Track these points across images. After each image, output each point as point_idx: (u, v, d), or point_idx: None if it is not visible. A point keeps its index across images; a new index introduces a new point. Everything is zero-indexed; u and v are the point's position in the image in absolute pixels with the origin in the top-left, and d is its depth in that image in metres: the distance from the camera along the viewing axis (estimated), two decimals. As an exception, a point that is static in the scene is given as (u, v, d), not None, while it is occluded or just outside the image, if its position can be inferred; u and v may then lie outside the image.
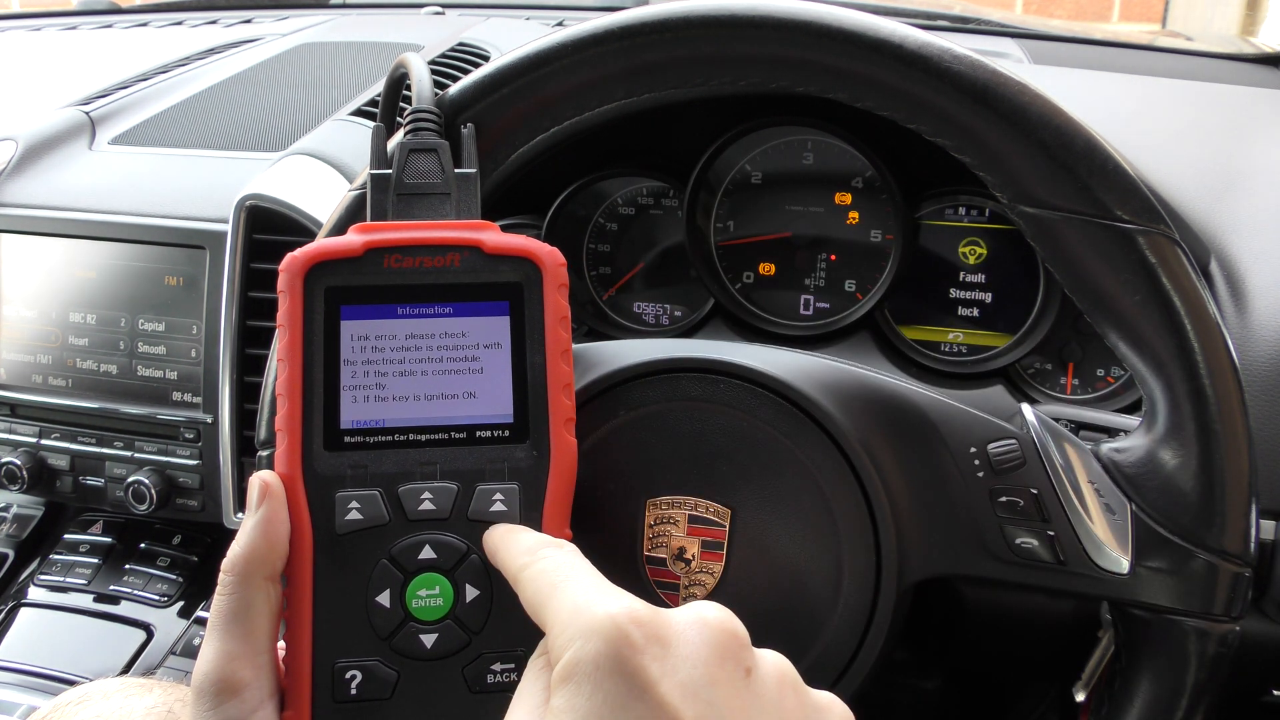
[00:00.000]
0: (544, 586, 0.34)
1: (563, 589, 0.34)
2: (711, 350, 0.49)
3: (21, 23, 1.44)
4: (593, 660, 0.31)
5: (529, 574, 0.36)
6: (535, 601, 0.34)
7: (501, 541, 0.38)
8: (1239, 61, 1.06)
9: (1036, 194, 0.45)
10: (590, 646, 0.31)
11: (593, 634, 0.31)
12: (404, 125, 0.46)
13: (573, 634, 0.31)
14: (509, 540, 0.38)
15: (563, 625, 0.32)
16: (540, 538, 0.38)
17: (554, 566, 0.35)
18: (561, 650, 0.31)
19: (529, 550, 0.37)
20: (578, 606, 0.32)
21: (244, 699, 0.37)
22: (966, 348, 0.77)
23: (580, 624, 0.31)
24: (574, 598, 0.33)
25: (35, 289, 0.86)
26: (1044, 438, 0.47)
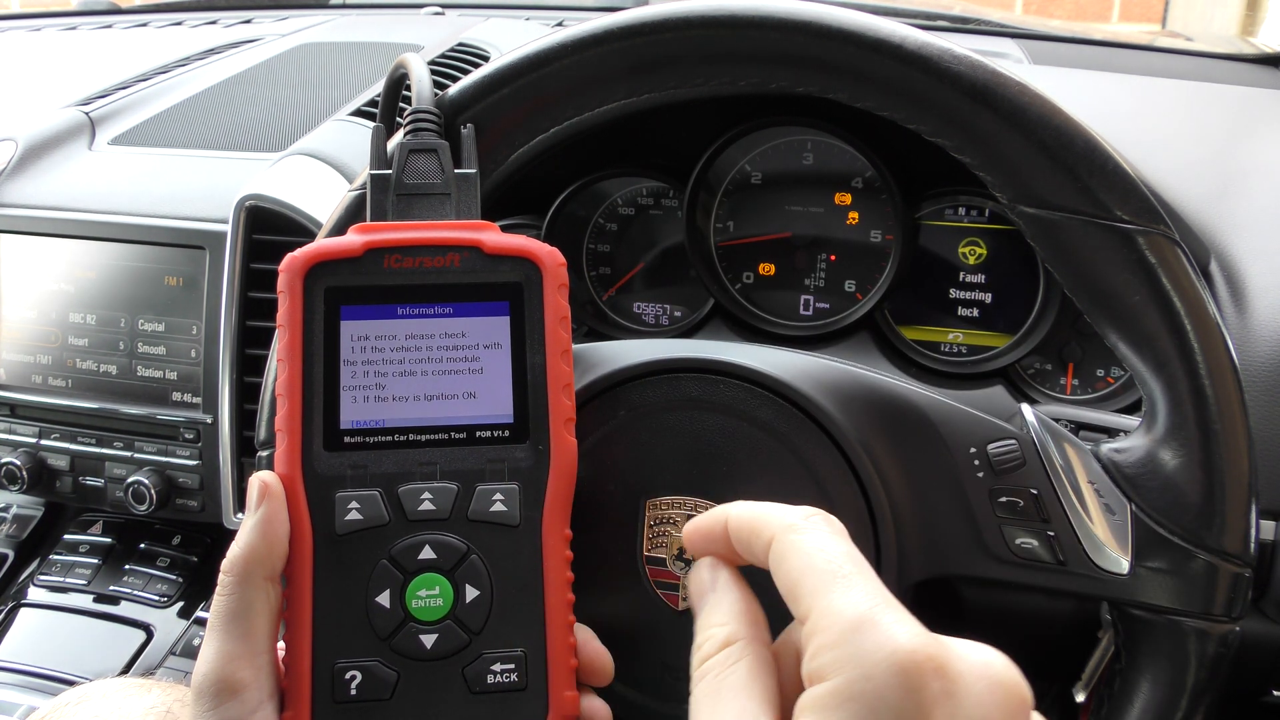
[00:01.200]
0: (819, 571, 0.30)
1: (847, 587, 0.29)
2: (711, 350, 0.49)
3: (21, 23, 1.44)
4: (879, 698, 0.27)
5: (796, 543, 0.32)
6: (802, 583, 0.30)
7: (743, 507, 0.35)
8: (1238, 61, 1.06)
9: (1036, 194, 0.45)
10: (882, 683, 0.27)
11: (891, 670, 0.27)
12: (404, 125, 0.46)
13: (862, 657, 0.28)
14: (755, 505, 0.35)
15: (847, 639, 0.28)
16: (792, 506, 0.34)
17: (831, 550, 0.31)
18: (838, 667, 0.28)
19: (797, 513, 0.33)
20: (872, 623, 0.28)
21: (244, 699, 0.37)
22: (966, 348, 0.77)
23: (875, 650, 0.28)
24: (863, 608, 0.29)
25: (35, 289, 0.86)
26: (1044, 438, 0.47)
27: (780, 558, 0.32)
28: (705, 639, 0.34)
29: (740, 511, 0.35)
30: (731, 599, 0.35)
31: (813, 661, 0.28)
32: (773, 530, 0.33)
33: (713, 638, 0.34)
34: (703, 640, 0.34)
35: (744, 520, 0.35)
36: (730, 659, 0.33)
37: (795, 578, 0.31)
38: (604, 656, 0.42)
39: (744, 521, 0.35)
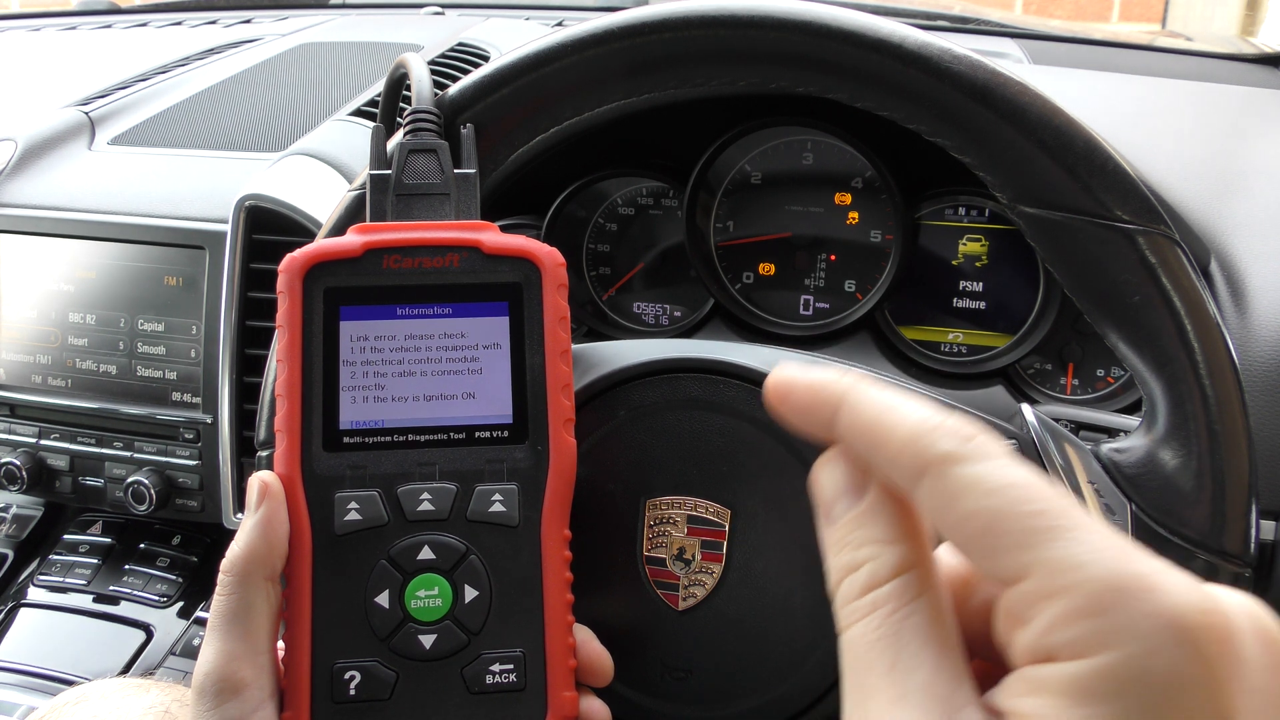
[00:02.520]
0: (1027, 516, 0.22)
1: (1078, 538, 0.22)
2: (711, 350, 0.49)
3: (21, 23, 1.44)
4: (1174, 676, 0.21)
5: (975, 479, 0.23)
6: (1002, 532, 0.23)
7: (865, 400, 0.26)
8: (1238, 61, 1.06)
9: (1036, 194, 0.45)
10: (1174, 658, 0.21)
11: (1182, 641, 0.21)
12: (403, 126, 0.46)
13: (1141, 628, 0.21)
14: (882, 402, 0.26)
15: (1111, 605, 0.21)
16: (935, 408, 0.25)
17: (1030, 488, 0.23)
18: (1106, 641, 0.21)
19: (951, 432, 0.24)
20: (1141, 583, 0.21)
21: (244, 699, 0.37)
22: (966, 348, 0.77)
23: (1156, 617, 0.21)
24: (1120, 564, 0.22)
25: (35, 289, 0.86)
26: (1044, 438, 0.47)
27: (952, 497, 0.23)
28: (868, 557, 0.25)
29: (862, 417, 0.26)
30: (894, 513, 0.26)
31: (1054, 634, 0.21)
32: (925, 460, 0.24)
33: (881, 559, 0.25)
34: (862, 559, 0.26)
35: (869, 433, 0.26)
36: (910, 592, 0.25)
37: (984, 525, 0.23)
38: (603, 657, 0.42)
39: (870, 435, 0.26)
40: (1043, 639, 0.22)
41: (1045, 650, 0.22)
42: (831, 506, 0.27)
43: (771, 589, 0.47)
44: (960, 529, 0.23)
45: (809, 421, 0.28)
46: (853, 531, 0.26)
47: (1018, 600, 0.22)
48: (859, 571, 0.25)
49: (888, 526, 0.26)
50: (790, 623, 0.47)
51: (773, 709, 0.47)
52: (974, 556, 0.24)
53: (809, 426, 0.28)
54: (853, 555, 0.26)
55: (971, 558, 0.24)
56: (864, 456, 0.26)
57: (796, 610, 0.47)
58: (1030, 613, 0.22)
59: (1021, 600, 0.22)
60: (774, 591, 0.47)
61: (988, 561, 0.23)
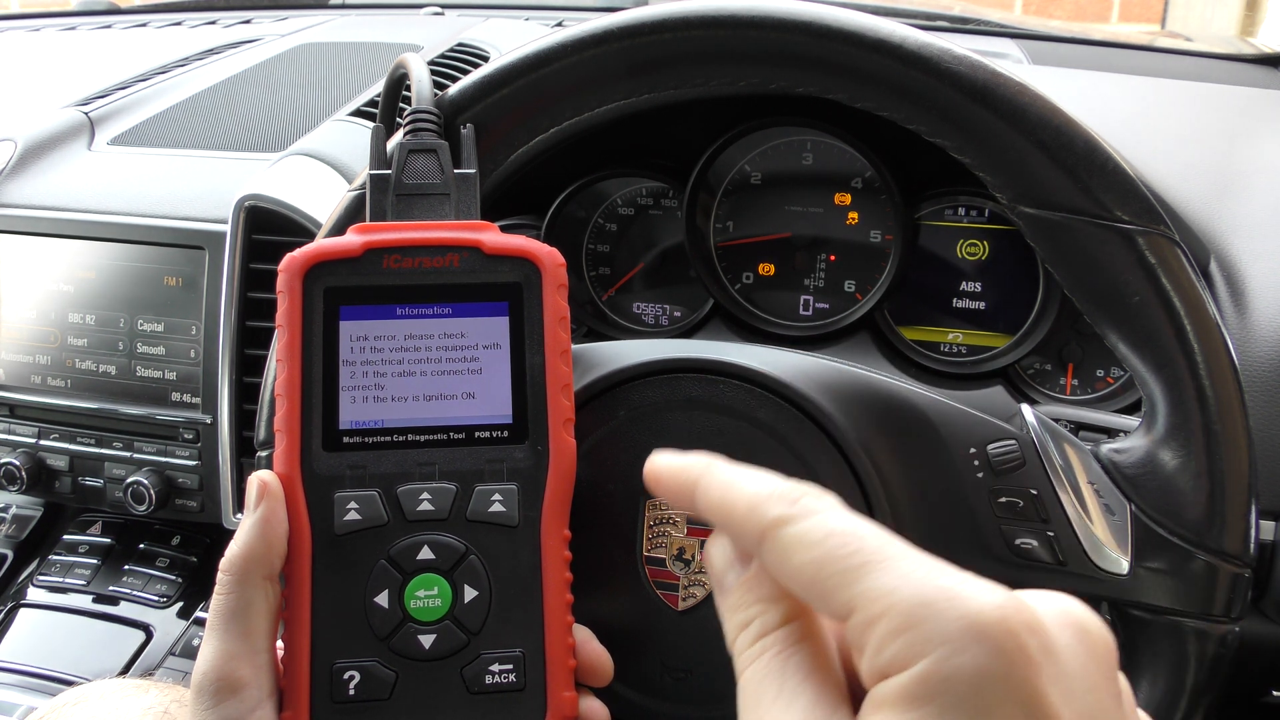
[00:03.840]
0: (844, 559, 0.25)
1: (886, 567, 0.25)
2: (711, 351, 0.49)
3: (21, 23, 1.44)
4: (979, 673, 0.23)
5: (799, 537, 0.27)
6: (826, 578, 0.26)
7: (713, 482, 0.30)
8: (1238, 62, 1.06)
9: (1036, 194, 0.45)
10: (978, 655, 0.23)
11: (983, 638, 0.23)
12: (403, 126, 0.46)
13: (945, 633, 0.23)
14: (726, 482, 0.29)
15: (919, 618, 0.23)
16: (768, 480, 0.29)
17: (845, 533, 0.26)
18: (917, 651, 0.23)
19: (779, 497, 0.28)
20: (941, 593, 0.24)
21: (243, 698, 0.37)
22: (966, 348, 0.77)
23: (958, 621, 0.23)
24: (922, 581, 0.24)
25: (34, 289, 0.86)
26: (1044, 438, 0.47)
27: (785, 554, 0.27)
28: (758, 613, 0.29)
29: (711, 497, 0.30)
30: (767, 584, 0.29)
31: (881, 655, 0.24)
32: (761, 527, 0.27)
33: (768, 614, 0.28)
34: (752, 615, 0.29)
35: (719, 509, 0.30)
36: (793, 637, 0.28)
37: (813, 574, 0.26)
38: (603, 657, 0.42)
39: (720, 511, 0.30)
40: (874, 661, 0.24)
41: (879, 670, 0.24)
42: (723, 577, 0.31)
43: None
44: (796, 580, 0.27)
45: (678, 502, 0.31)
46: (744, 594, 0.30)
47: (852, 632, 0.25)
48: (751, 625, 0.29)
49: (771, 587, 0.29)
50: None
51: (772, 709, 0.47)
52: (814, 603, 0.27)
53: (681, 506, 0.31)
54: (745, 613, 0.29)
55: (813, 604, 0.27)
56: (721, 529, 0.30)
57: (796, 610, 0.47)
58: (862, 640, 0.25)
59: (854, 631, 0.25)
60: None
61: (823, 604, 0.26)
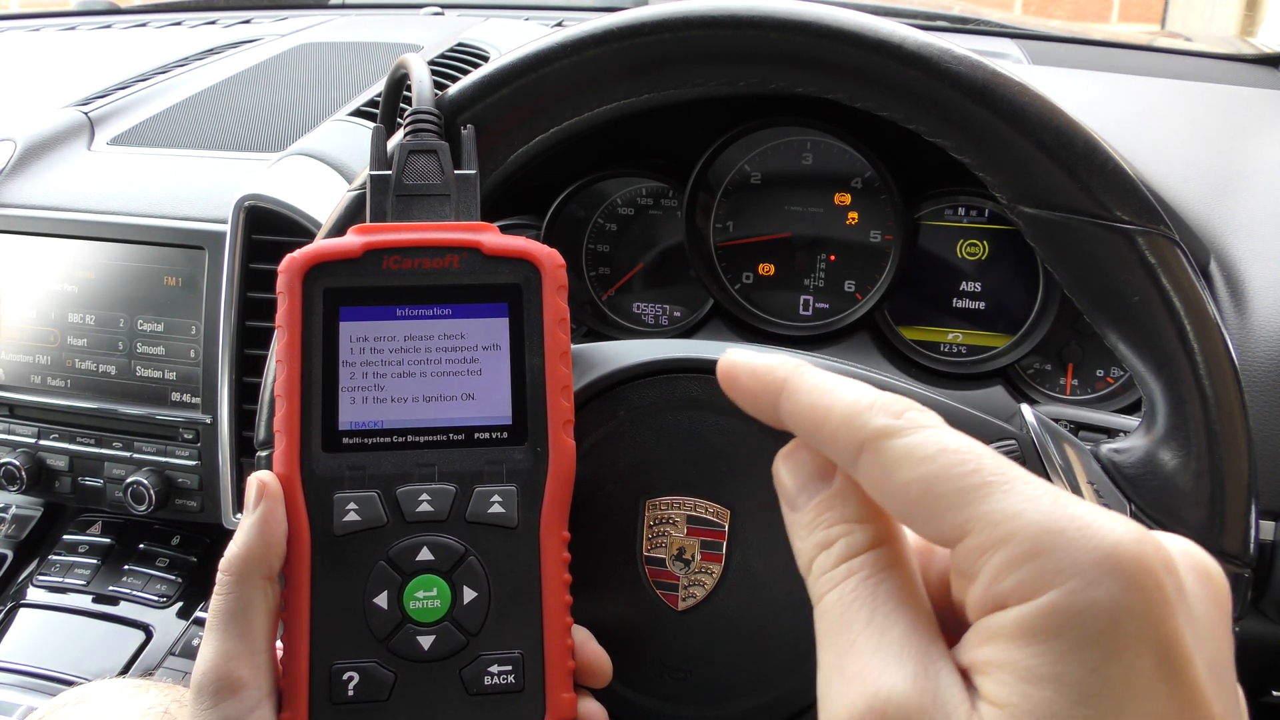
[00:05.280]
0: (961, 478, 0.23)
1: (1010, 490, 0.23)
2: (711, 351, 0.49)
3: (20, 23, 1.44)
4: (1111, 613, 0.21)
5: (909, 449, 0.24)
6: (938, 496, 0.24)
7: (804, 385, 0.27)
8: (1238, 62, 1.06)
9: (1036, 194, 0.45)
10: (1114, 589, 0.21)
11: (1121, 573, 0.21)
12: (404, 126, 0.46)
13: (1079, 564, 0.21)
14: (819, 386, 0.27)
15: (1048, 547, 0.22)
16: (867, 389, 0.26)
17: (961, 451, 0.24)
18: (1047, 581, 0.22)
19: (883, 408, 0.25)
20: (1075, 523, 0.22)
21: (242, 698, 0.37)
22: (966, 348, 0.77)
23: (1093, 552, 0.21)
24: (1052, 509, 0.22)
25: (34, 289, 0.86)
26: (1043, 438, 0.47)
27: (889, 469, 0.24)
28: (842, 532, 0.26)
29: (800, 401, 0.27)
30: (861, 495, 0.27)
31: (999, 583, 0.22)
32: (861, 437, 0.25)
33: (855, 535, 0.26)
34: (836, 535, 0.26)
35: (809, 415, 0.27)
36: (883, 562, 0.26)
37: (922, 491, 0.24)
38: (602, 658, 0.42)
39: (809, 417, 0.27)
40: (990, 589, 0.23)
41: (994, 600, 0.23)
42: (796, 494, 0.28)
43: (771, 589, 0.47)
44: (900, 498, 0.24)
45: (755, 406, 0.29)
46: (823, 513, 0.27)
47: (963, 558, 0.23)
48: (834, 546, 0.26)
49: (857, 507, 0.27)
50: (790, 622, 0.47)
51: (772, 709, 0.47)
52: (916, 524, 0.24)
53: (756, 411, 0.29)
54: (826, 533, 0.27)
55: (914, 526, 0.25)
56: (807, 440, 0.27)
57: (796, 610, 0.47)
58: (975, 567, 0.23)
59: (966, 557, 0.23)
60: (773, 591, 0.47)
61: (929, 526, 0.24)
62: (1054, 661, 0.21)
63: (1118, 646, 0.21)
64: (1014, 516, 0.23)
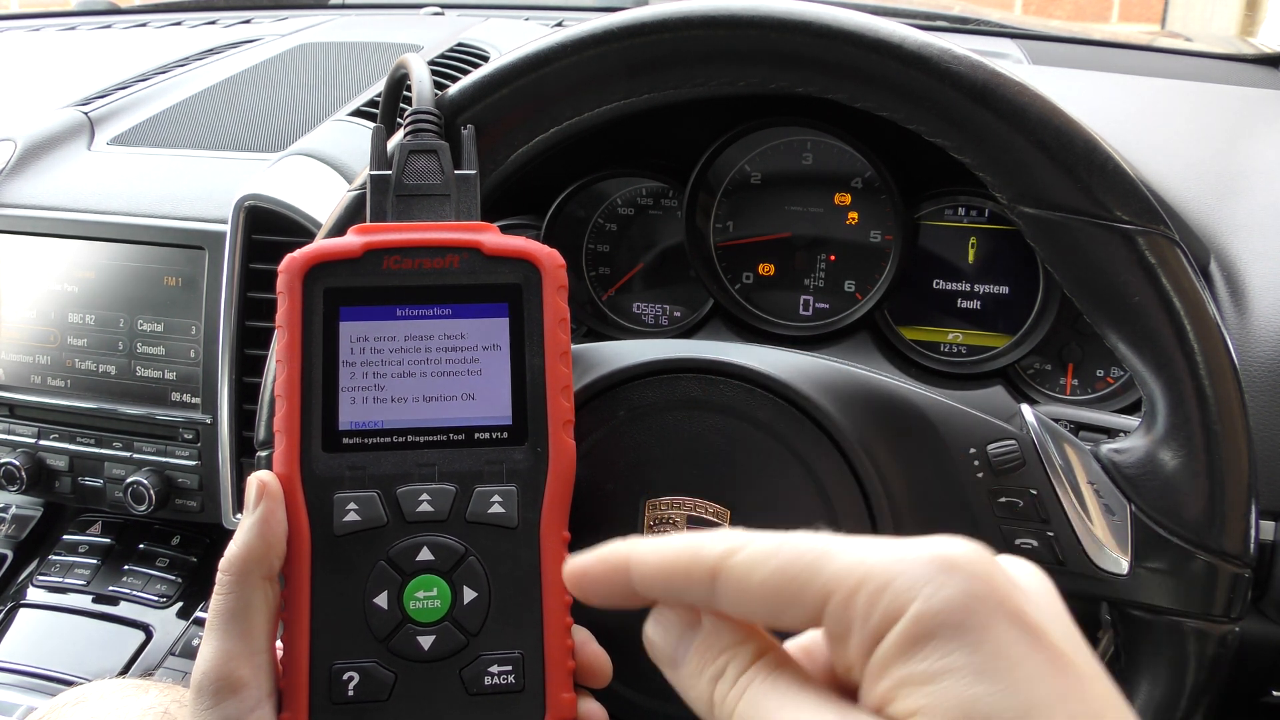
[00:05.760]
0: (802, 564, 0.26)
1: (842, 551, 0.26)
2: (711, 351, 0.49)
3: (20, 23, 1.44)
4: (965, 602, 0.24)
5: (755, 555, 0.28)
6: (793, 580, 0.26)
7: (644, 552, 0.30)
8: (1238, 62, 1.06)
9: (1036, 194, 0.45)
10: (955, 586, 0.24)
11: (952, 571, 0.24)
12: (404, 126, 0.46)
13: (912, 578, 0.24)
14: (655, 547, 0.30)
15: (894, 573, 0.25)
16: (689, 534, 0.30)
17: (790, 546, 0.27)
18: (899, 603, 0.24)
19: (712, 539, 0.29)
20: (904, 550, 0.25)
21: (242, 698, 0.37)
22: (966, 348, 0.77)
23: (930, 563, 0.25)
24: (880, 548, 0.26)
25: (34, 289, 0.86)
26: (1043, 438, 0.47)
27: (744, 577, 0.28)
28: (729, 658, 0.29)
29: (648, 564, 0.30)
30: (731, 626, 0.30)
31: (870, 619, 0.25)
32: (710, 564, 0.28)
33: (739, 654, 0.29)
34: (724, 663, 0.29)
35: (661, 571, 0.30)
36: (773, 663, 0.29)
37: (779, 581, 0.27)
38: (602, 658, 0.42)
39: (661, 572, 0.30)
40: (864, 630, 0.25)
41: (871, 637, 0.25)
42: (674, 650, 0.31)
43: None
44: (762, 598, 0.27)
45: (612, 593, 0.31)
46: (704, 653, 0.30)
47: (833, 619, 0.26)
48: (726, 672, 0.29)
49: (732, 635, 0.30)
50: (790, 623, 0.47)
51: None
52: (785, 614, 0.27)
53: (613, 599, 0.31)
54: (715, 666, 0.29)
55: (784, 619, 0.27)
56: (663, 597, 0.30)
57: (796, 611, 0.47)
58: (846, 619, 0.26)
59: (836, 616, 0.26)
60: None
61: (796, 610, 0.27)
62: (938, 658, 0.24)
63: (981, 625, 0.24)
64: (859, 563, 0.26)
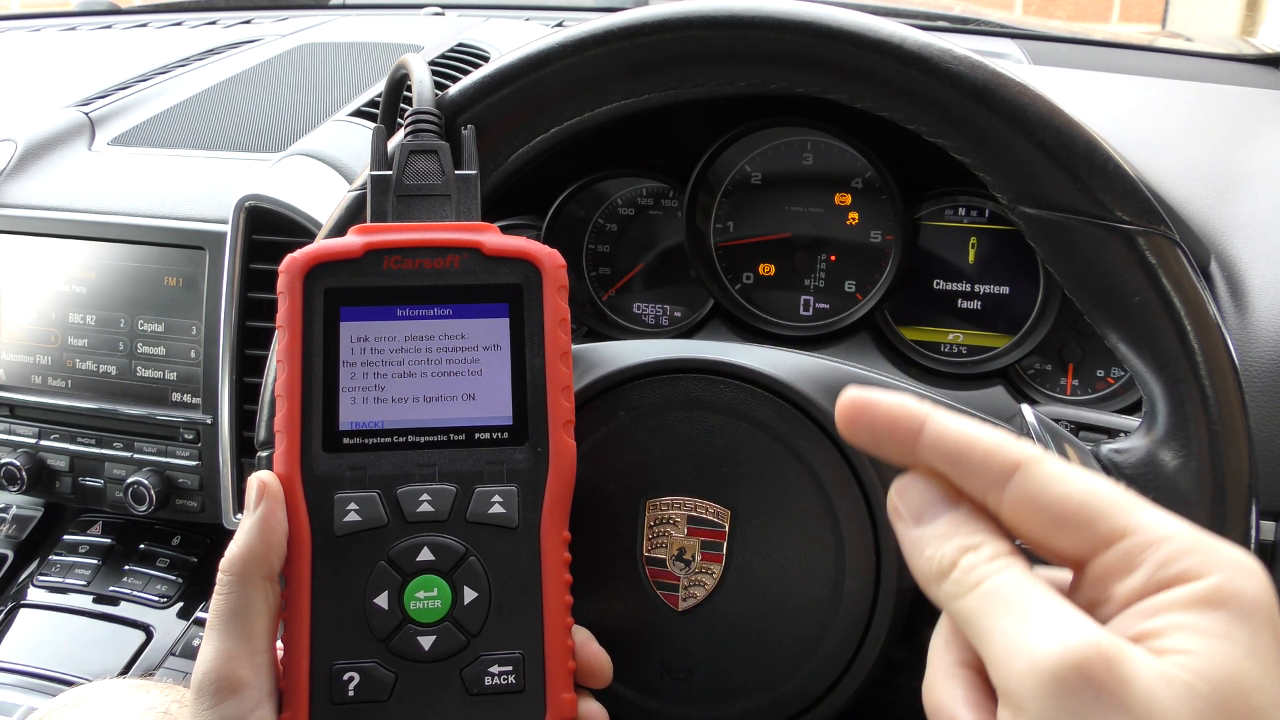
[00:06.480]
0: (1115, 493, 0.29)
1: (1157, 510, 0.29)
2: (711, 351, 0.49)
3: (21, 23, 1.44)
4: (1258, 597, 0.27)
5: (1064, 470, 0.29)
6: (1097, 504, 0.29)
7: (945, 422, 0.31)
8: (1238, 62, 1.06)
9: (1036, 194, 0.45)
10: (1255, 581, 0.27)
11: (1252, 571, 0.28)
12: (404, 126, 0.46)
13: (1234, 560, 0.28)
14: (960, 424, 0.31)
15: (1206, 544, 0.28)
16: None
17: (1101, 478, 0.29)
18: (1204, 568, 0.27)
19: (1022, 442, 0.30)
20: (1200, 531, 0.28)
21: (243, 698, 0.37)
22: (966, 348, 0.77)
23: (1228, 551, 0.28)
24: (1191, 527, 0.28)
25: (34, 290, 0.86)
26: (1044, 438, 0.47)
27: (1048, 482, 0.29)
28: (986, 539, 0.30)
29: (947, 433, 0.31)
30: (989, 521, 0.31)
31: (1168, 568, 0.27)
32: (1015, 460, 0.29)
33: (998, 540, 0.30)
34: (980, 540, 0.30)
35: (955, 445, 0.30)
36: (1020, 564, 0.29)
37: (1084, 499, 0.28)
38: (602, 658, 0.42)
39: (956, 446, 0.30)
40: (1155, 574, 0.28)
41: (1159, 582, 0.28)
42: (925, 511, 0.31)
43: (771, 589, 0.47)
44: (1059, 507, 0.29)
45: (884, 442, 0.32)
46: (961, 525, 0.31)
47: (1123, 556, 0.28)
48: (982, 547, 0.30)
49: (991, 524, 0.31)
50: (790, 623, 0.47)
51: (773, 709, 0.47)
52: (1067, 531, 0.29)
53: (884, 448, 0.32)
54: (969, 538, 0.30)
55: (1060, 536, 0.29)
56: (945, 470, 0.31)
57: (796, 611, 0.47)
58: (1139, 559, 0.28)
59: (1127, 553, 0.28)
60: (774, 592, 0.47)
61: (1083, 532, 0.28)
62: (1226, 624, 0.26)
63: (1266, 622, 0.27)
64: (1165, 523, 0.28)
